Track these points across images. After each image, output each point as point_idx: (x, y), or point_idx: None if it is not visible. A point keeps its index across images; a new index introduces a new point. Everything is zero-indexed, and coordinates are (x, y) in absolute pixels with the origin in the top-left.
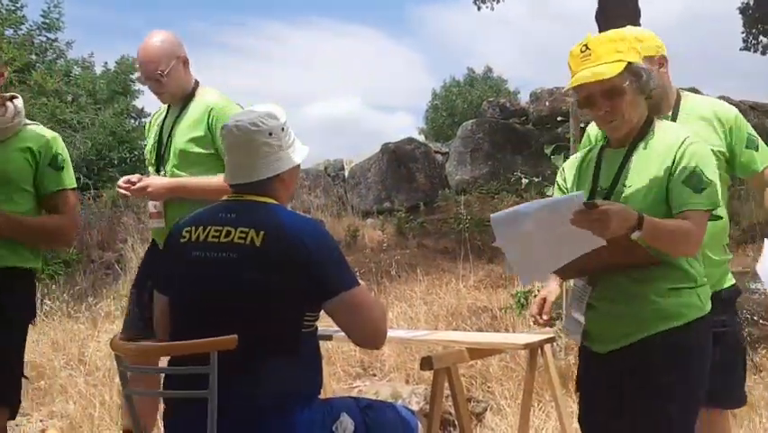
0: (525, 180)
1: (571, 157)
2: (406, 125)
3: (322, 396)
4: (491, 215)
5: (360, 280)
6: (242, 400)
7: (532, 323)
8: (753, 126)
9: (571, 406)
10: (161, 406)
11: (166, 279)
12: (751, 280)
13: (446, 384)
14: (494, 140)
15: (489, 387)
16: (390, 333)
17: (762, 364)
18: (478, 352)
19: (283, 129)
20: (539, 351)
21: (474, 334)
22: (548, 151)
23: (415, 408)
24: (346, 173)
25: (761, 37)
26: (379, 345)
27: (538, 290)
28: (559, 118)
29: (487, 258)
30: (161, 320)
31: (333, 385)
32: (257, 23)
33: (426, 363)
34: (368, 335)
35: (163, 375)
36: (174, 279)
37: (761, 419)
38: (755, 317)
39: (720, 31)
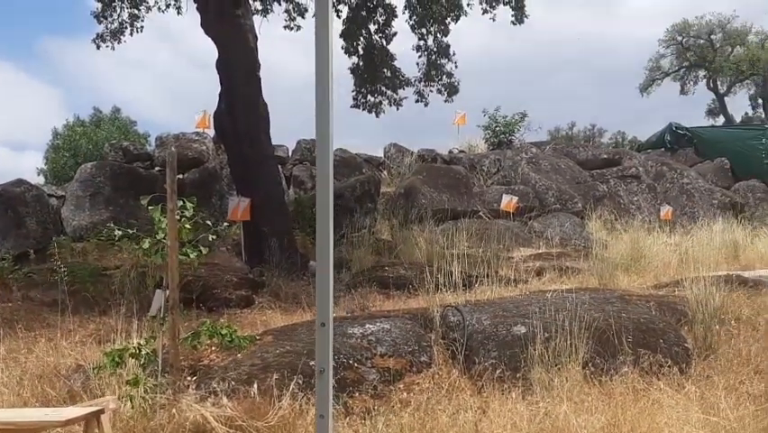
0: (118, 232)
1: None
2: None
3: None
4: None
5: None
6: None
7: (125, 382)
8: (366, 178)
9: None
10: None
11: None
12: (354, 324)
13: None
14: (116, 184)
15: None
16: None
17: (353, 407)
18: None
19: None
20: (96, 421)
21: (20, 410)
22: (144, 201)
23: None
24: None
25: (369, 96)
26: None
27: (134, 348)
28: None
29: (100, 310)
30: None
31: None
32: None
33: None
34: None
35: None
36: None
37: None
38: (351, 361)
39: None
